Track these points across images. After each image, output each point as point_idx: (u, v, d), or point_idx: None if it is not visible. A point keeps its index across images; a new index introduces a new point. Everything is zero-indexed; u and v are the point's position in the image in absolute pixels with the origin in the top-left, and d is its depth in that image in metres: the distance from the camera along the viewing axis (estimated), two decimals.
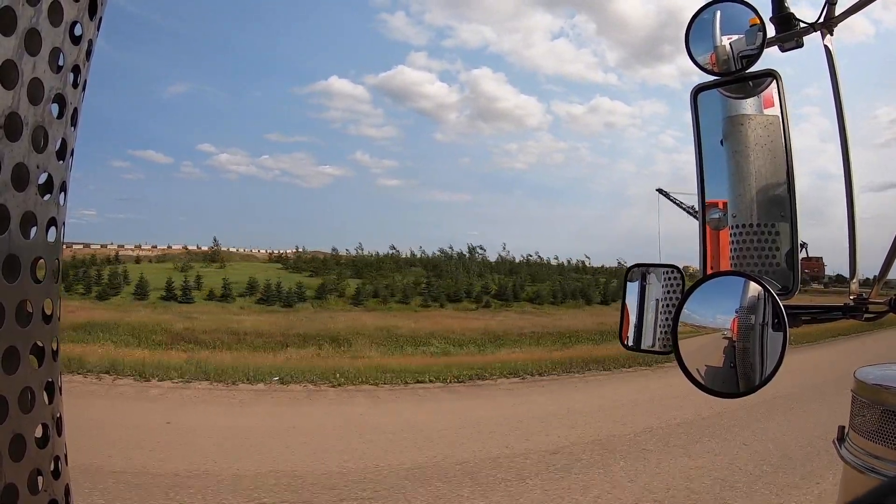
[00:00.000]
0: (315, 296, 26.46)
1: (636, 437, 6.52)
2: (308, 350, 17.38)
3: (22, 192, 0.46)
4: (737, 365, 1.00)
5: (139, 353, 13.02)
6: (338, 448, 6.04)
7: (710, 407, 7.03)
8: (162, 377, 9.75)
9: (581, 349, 15.33)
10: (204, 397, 8.77)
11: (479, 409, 8.31)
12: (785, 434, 6.47)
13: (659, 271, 1.35)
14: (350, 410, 8.17)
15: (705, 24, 1.26)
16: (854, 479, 1.60)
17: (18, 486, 0.47)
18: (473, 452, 5.95)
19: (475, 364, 11.97)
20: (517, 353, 15.66)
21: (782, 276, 1.16)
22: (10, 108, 0.45)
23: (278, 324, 21.79)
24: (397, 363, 12.90)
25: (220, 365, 10.94)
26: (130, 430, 6.46)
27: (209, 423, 7.20)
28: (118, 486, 4.74)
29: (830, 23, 1.29)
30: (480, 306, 27.07)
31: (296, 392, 9.40)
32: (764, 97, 1.21)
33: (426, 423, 7.32)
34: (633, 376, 10.84)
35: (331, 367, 11.24)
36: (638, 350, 1.34)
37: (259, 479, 5.08)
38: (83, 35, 0.53)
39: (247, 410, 8.05)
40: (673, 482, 5.11)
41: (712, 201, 1.24)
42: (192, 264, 29.42)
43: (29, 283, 0.48)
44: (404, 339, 20.29)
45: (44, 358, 0.51)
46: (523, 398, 9.12)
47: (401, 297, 26.92)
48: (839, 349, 12.60)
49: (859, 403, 1.68)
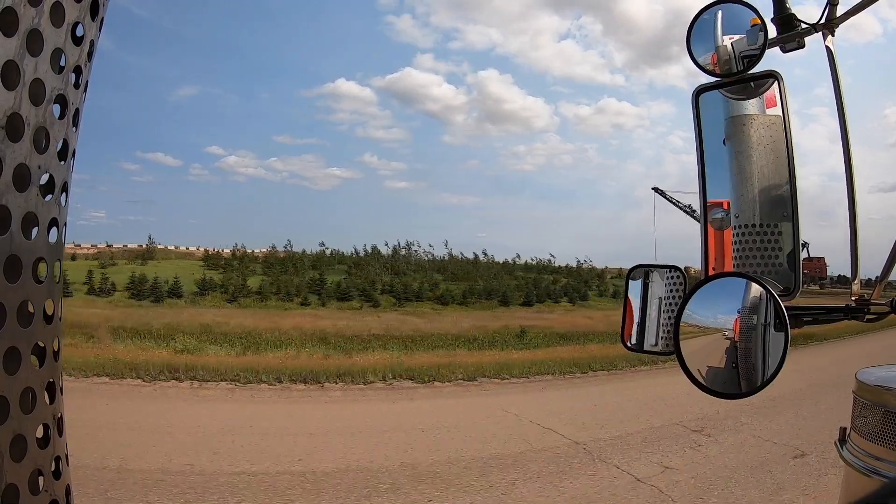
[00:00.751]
0: (196, 292, 26.41)
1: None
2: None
3: (23, 192, 0.46)
4: (738, 366, 1.00)
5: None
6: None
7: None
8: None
9: (376, 356, 14.75)
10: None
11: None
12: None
13: (661, 272, 1.35)
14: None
15: (706, 25, 1.26)
16: (855, 481, 1.60)
17: (19, 487, 0.47)
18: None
19: (235, 365, 11.43)
20: (293, 357, 14.68)
21: (784, 276, 1.16)
22: (11, 108, 0.45)
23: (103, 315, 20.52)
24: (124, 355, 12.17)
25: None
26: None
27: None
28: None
29: (832, 23, 1.29)
30: (370, 305, 26.85)
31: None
32: (766, 97, 1.21)
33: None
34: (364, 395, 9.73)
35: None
36: (640, 351, 1.34)
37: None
38: (85, 36, 0.53)
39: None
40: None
41: (715, 201, 1.24)
42: (118, 262, 29.51)
43: (30, 283, 0.48)
44: (207, 334, 18.54)
45: (45, 358, 0.51)
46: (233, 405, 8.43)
47: (284, 295, 26.88)
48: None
49: (861, 405, 1.67)
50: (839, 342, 14.40)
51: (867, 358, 2.24)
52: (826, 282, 30.40)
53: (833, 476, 4.90)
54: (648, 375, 11.09)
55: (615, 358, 12.06)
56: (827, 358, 11.46)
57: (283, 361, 13.10)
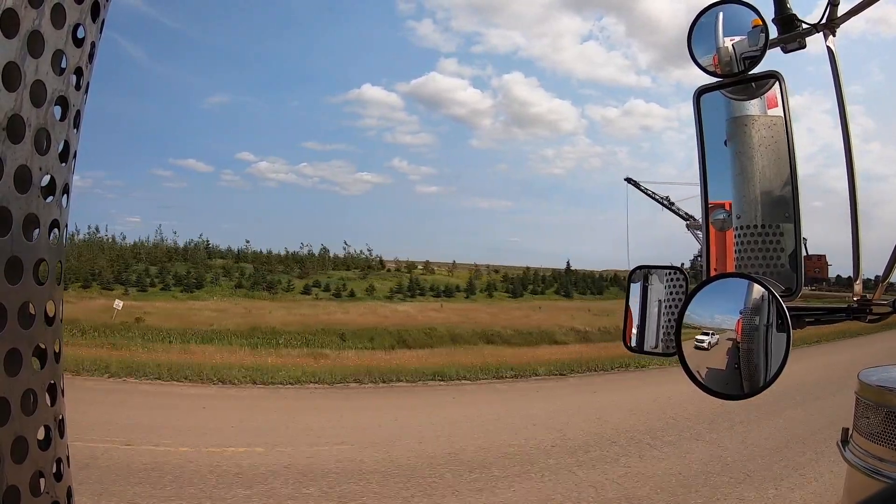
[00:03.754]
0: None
1: None
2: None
3: (24, 194, 0.46)
4: (741, 366, 1.00)
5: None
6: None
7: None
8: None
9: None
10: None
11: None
12: None
13: (662, 273, 1.34)
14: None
15: (708, 26, 1.26)
16: (858, 481, 1.59)
17: (20, 489, 0.47)
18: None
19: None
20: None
21: (786, 277, 1.16)
22: (12, 110, 0.45)
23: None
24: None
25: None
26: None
27: None
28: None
29: (833, 24, 1.29)
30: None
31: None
32: (767, 98, 1.20)
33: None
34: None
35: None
36: (641, 352, 1.34)
37: None
38: (86, 37, 0.53)
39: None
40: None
41: (717, 202, 1.24)
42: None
43: (31, 285, 0.48)
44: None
45: (46, 360, 0.51)
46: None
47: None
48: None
49: (863, 405, 1.67)
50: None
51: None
52: (823, 283, 29.47)
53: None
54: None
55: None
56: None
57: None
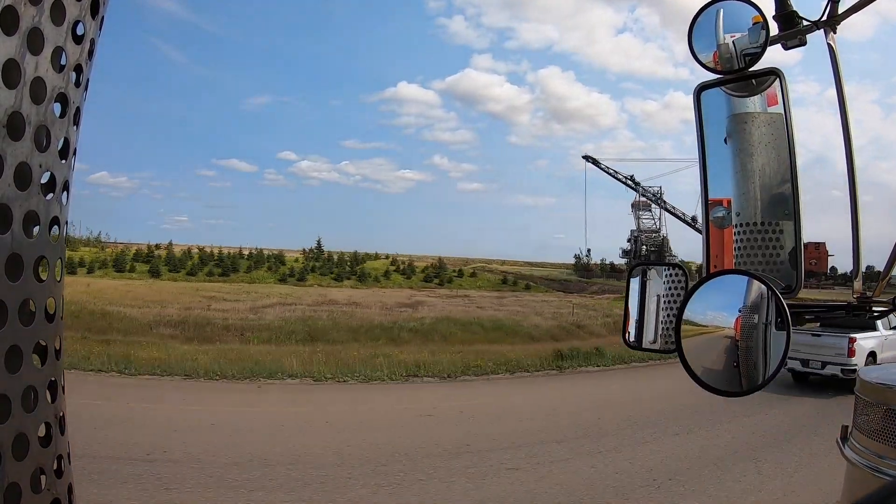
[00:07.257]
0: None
1: None
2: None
3: (24, 191, 0.46)
4: (740, 363, 1.00)
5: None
6: None
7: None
8: None
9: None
10: None
11: None
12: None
13: (661, 269, 1.34)
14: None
15: (708, 23, 1.25)
16: (858, 478, 1.60)
17: (21, 485, 0.47)
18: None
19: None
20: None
21: (786, 274, 1.16)
22: (12, 107, 0.45)
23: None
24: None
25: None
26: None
27: None
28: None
29: (833, 20, 1.28)
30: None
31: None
32: (768, 95, 1.20)
33: None
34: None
35: None
36: (640, 348, 1.34)
37: None
38: (85, 34, 0.53)
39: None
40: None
41: (716, 199, 1.24)
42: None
43: (32, 282, 0.48)
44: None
45: (47, 357, 0.51)
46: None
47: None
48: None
49: (863, 403, 1.67)
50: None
51: None
52: (822, 277, 26.34)
53: None
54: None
55: None
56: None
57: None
